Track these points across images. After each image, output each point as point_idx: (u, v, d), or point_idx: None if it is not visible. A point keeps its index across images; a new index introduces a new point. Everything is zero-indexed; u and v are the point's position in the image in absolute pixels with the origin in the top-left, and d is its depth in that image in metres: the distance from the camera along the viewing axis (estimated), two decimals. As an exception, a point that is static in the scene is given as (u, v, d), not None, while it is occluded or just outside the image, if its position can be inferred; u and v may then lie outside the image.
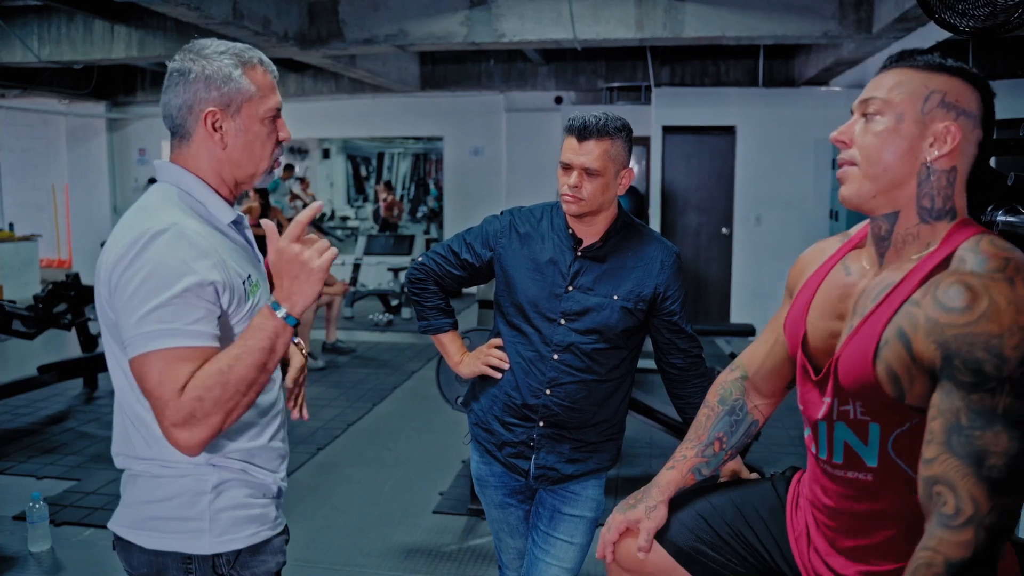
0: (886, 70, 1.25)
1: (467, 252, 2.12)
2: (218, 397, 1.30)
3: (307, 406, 1.82)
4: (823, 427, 1.30)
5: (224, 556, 1.45)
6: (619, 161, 1.96)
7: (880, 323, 1.19)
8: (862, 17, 5.83)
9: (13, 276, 9.59)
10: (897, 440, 1.22)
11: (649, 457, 4.64)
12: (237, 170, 1.48)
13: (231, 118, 1.43)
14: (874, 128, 1.22)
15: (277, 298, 1.37)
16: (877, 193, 1.23)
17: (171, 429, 1.29)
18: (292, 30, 6.34)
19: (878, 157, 1.21)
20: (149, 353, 1.30)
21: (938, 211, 1.22)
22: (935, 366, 1.11)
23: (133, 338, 1.31)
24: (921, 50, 1.26)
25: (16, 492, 4.04)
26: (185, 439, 1.29)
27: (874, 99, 1.23)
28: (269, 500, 1.54)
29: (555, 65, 9.52)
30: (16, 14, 7.25)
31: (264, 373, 1.35)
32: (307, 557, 3.45)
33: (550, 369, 2.01)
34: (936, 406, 1.11)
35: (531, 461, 2.07)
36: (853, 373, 1.21)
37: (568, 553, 2.10)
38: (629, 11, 6.08)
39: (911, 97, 1.20)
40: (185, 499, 1.43)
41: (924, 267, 1.18)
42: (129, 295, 1.32)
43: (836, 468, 1.30)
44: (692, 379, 2.09)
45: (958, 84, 1.21)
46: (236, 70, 1.42)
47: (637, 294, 1.99)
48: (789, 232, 7.93)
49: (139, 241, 1.33)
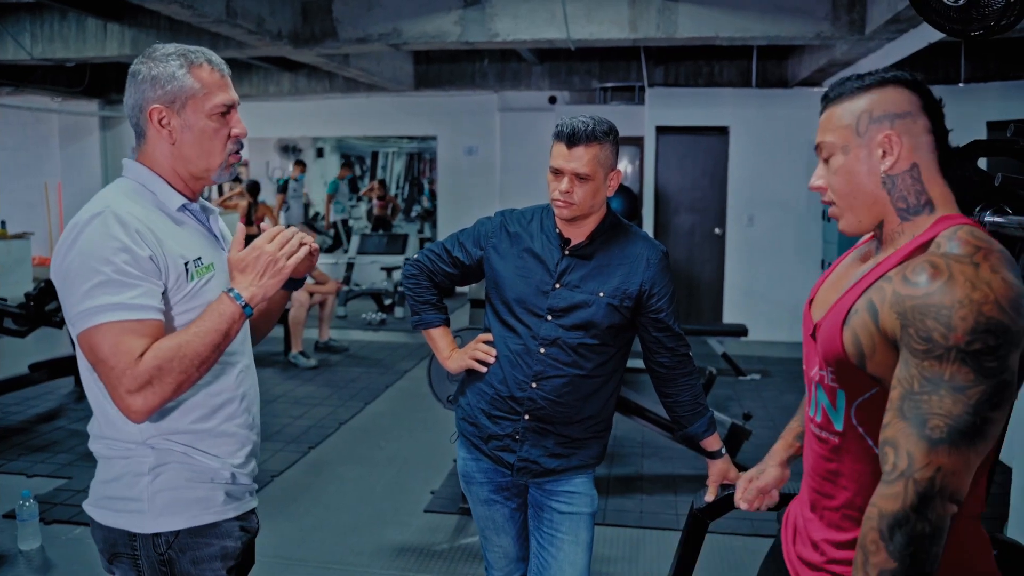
0: (821, 113, 1.37)
1: (459, 250, 2.18)
2: (175, 368, 1.40)
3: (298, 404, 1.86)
4: (815, 388, 1.40)
5: (163, 536, 1.52)
6: (608, 165, 2.01)
7: (852, 297, 1.29)
8: (855, 18, 5.84)
9: (5, 274, 9.56)
10: (859, 408, 1.30)
11: (640, 456, 4.65)
12: (189, 164, 1.55)
13: (176, 114, 1.52)
14: (833, 168, 1.34)
15: (238, 288, 1.50)
16: (862, 217, 1.34)
17: (125, 396, 1.38)
18: (286, 29, 6.34)
19: (847, 191, 1.33)
20: (98, 326, 1.38)
21: (914, 207, 1.31)
22: (896, 336, 1.19)
23: (79, 314, 1.40)
24: (838, 83, 1.36)
25: (6, 490, 4.03)
26: (139, 404, 1.38)
27: (823, 143, 1.35)
28: (216, 485, 1.57)
29: (549, 65, 9.52)
30: (8, 11, 7.23)
31: (216, 353, 1.46)
32: (298, 555, 3.45)
33: (536, 363, 2.04)
34: (896, 377, 1.19)
35: (515, 454, 2.10)
36: (827, 341, 1.31)
37: (577, 552, 2.12)
38: (623, 11, 6.08)
39: (845, 129, 1.31)
40: (127, 479, 1.51)
41: (904, 250, 1.28)
42: (72, 275, 1.41)
43: (818, 427, 1.40)
44: (679, 378, 2.10)
45: (878, 95, 1.30)
46: (181, 69, 1.51)
47: (623, 291, 2.02)
48: (782, 233, 7.96)
49: (76, 227, 1.44)
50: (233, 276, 1.53)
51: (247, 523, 1.65)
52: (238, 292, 1.49)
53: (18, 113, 11.31)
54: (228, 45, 6.61)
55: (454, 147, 10.96)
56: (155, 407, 1.40)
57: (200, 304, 1.51)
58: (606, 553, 3.50)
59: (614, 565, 3.43)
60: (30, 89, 9.86)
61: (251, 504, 1.67)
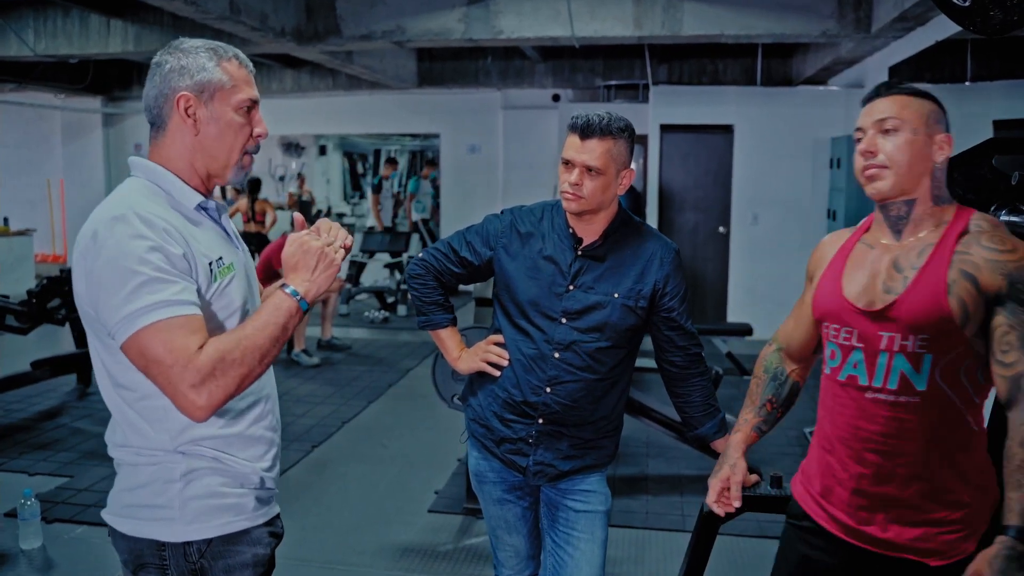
0: (884, 97, 1.62)
1: (467, 250, 2.13)
2: (237, 360, 1.36)
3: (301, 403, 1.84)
4: (884, 359, 1.60)
5: (195, 544, 1.47)
6: (620, 161, 1.97)
7: (940, 271, 1.55)
8: (861, 16, 5.82)
9: (8, 271, 9.55)
10: (943, 368, 1.55)
11: (646, 456, 4.63)
12: (209, 159, 1.52)
13: (204, 105, 1.48)
14: (897, 140, 1.59)
15: (293, 284, 1.47)
16: (905, 187, 1.60)
17: (188, 392, 1.32)
18: (289, 26, 6.32)
19: (905, 162, 1.58)
20: (146, 327, 1.33)
21: (942, 197, 1.63)
22: (1000, 291, 1.51)
23: (122, 320, 1.34)
24: (900, 82, 1.66)
25: (8, 489, 4.01)
26: (203, 400, 1.33)
27: (891, 118, 1.59)
28: (247, 490, 1.53)
29: (553, 63, 9.50)
30: (11, 8, 7.22)
31: (276, 347, 1.42)
32: (301, 555, 3.43)
33: (551, 367, 2.01)
34: (1005, 323, 1.51)
35: (529, 458, 2.08)
36: (923, 311, 1.54)
37: (594, 550, 2.11)
38: (627, 9, 6.06)
39: (918, 116, 1.59)
40: (156, 487, 1.46)
41: (952, 232, 1.58)
42: (105, 282, 1.35)
43: (888, 394, 1.60)
44: (691, 377, 2.09)
45: (935, 106, 1.62)
46: (210, 61, 1.48)
47: (637, 291, 2.00)
48: (786, 231, 7.92)
49: (101, 229, 1.37)
50: (286, 275, 1.50)
51: (274, 528, 1.62)
52: (294, 288, 1.46)
53: (21, 110, 11.30)
54: (231, 42, 6.49)
55: (457, 145, 10.94)
56: (219, 403, 1.35)
57: (224, 305, 1.48)
58: (612, 554, 3.47)
59: (620, 566, 3.41)
60: (33, 86, 9.86)
61: (276, 509, 1.64)
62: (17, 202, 11.62)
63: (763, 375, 1.94)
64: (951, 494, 1.60)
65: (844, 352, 1.66)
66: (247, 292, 1.55)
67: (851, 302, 1.64)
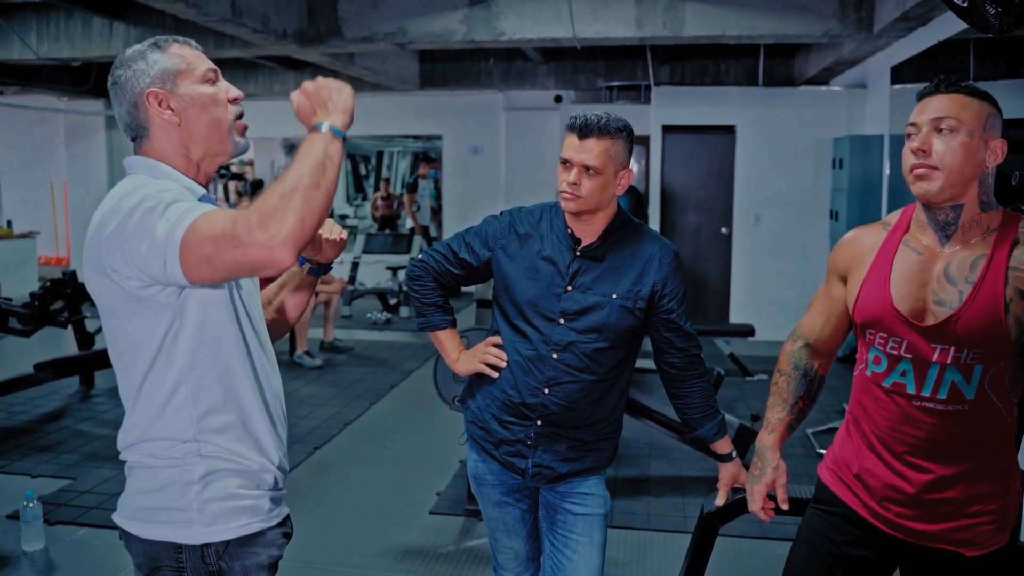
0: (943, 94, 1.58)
1: (466, 251, 2.13)
2: (289, 189, 1.26)
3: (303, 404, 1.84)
4: (935, 370, 1.61)
5: (213, 546, 1.47)
6: (619, 161, 1.98)
7: (997, 288, 1.56)
8: (863, 16, 5.81)
9: (11, 273, 9.56)
10: (991, 378, 1.59)
11: (648, 458, 4.62)
12: (203, 140, 1.51)
13: (172, 94, 1.48)
14: (951, 142, 1.56)
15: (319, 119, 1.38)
16: (954, 191, 1.58)
17: (258, 235, 1.23)
18: (291, 28, 6.32)
19: (957, 165, 1.56)
20: (191, 224, 1.28)
21: (988, 203, 1.61)
22: None
23: (167, 236, 1.28)
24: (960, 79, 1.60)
25: (10, 491, 4.02)
26: (270, 238, 1.23)
27: (948, 118, 1.56)
28: (263, 491, 1.54)
29: (554, 64, 9.49)
30: (14, 11, 7.22)
31: (324, 175, 1.30)
32: (303, 557, 3.43)
33: (549, 368, 2.01)
34: None
35: (528, 460, 2.07)
36: (981, 329, 1.56)
37: (592, 553, 2.10)
38: (629, 10, 6.05)
39: (977, 118, 1.56)
40: (174, 489, 1.45)
41: (1004, 243, 1.59)
42: (135, 224, 1.32)
43: (937, 403, 1.61)
44: (690, 379, 2.08)
45: (994, 108, 1.58)
46: (157, 53, 1.49)
47: (635, 292, 2.00)
48: (788, 232, 7.91)
49: (123, 194, 1.38)
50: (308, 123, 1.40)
51: (286, 528, 1.63)
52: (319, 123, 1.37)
53: (24, 112, 11.32)
54: (233, 44, 6.61)
55: (459, 146, 10.94)
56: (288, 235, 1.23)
57: (223, 299, 1.47)
58: (613, 556, 3.47)
59: (622, 568, 3.40)
60: (36, 88, 9.86)
61: (287, 510, 1.64)
62: (21, 204, 11.65)
63: (793, 372, 1.92)
64: (988, 489, 1.64)
65: (891, 360, 1.66)
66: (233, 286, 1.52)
67: (903, 313, 1.63)
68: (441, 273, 2.16)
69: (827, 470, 1.85)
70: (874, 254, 1.72)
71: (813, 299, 1.93)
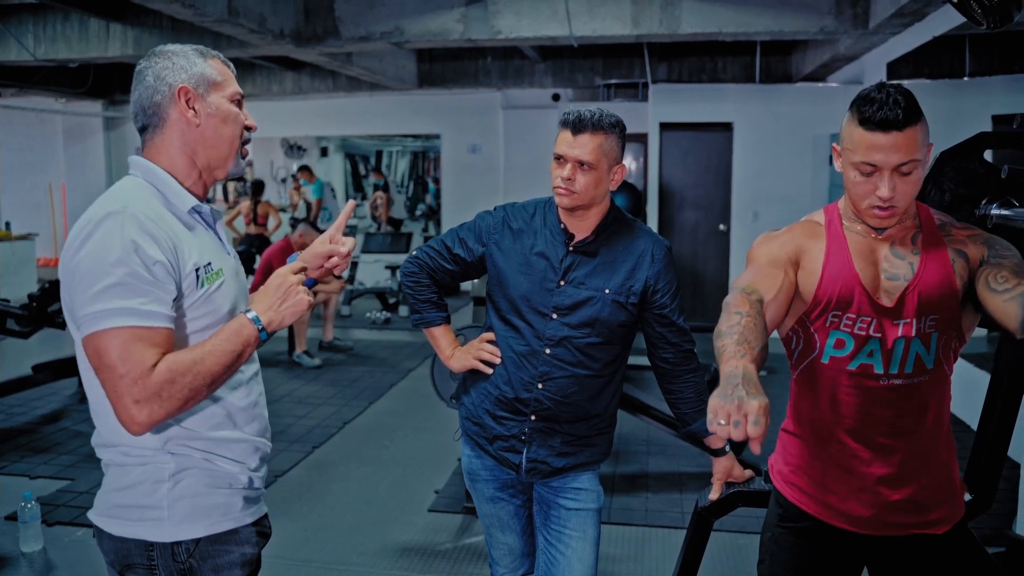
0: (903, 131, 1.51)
1: (459, 247, 2.14)
2: (188, 384, 1.36)
3: (303, 404, 1.84)
4: (900, 345, 1.63)
5: (183, 544, 1.48)
6: (612, 156, 1.99)
7: (942, 254, 1.63)
8: (859, 12, 5.81)
9: (10, 275, 9.57)
10: (943, 344, 1.63)
11: (646, 454, 4.63)
12: (212, 151, 1.53)
13: (201, 98, 1.51)
14: (911, 180, 1.56)
15: (258, 312, 1.49)
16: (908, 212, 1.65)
17: (131, 405, 1.33)
18: (288, 27, 6.32)
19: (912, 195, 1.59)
20: (107, 330, 1.34)
21: None
22: (983, 256, 1.61)
23: (87, 316, 1.35)
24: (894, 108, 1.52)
25: (9, 492, 4.02)
26: (144, 416, 1.33)
27: (909, 162, 1.53)
28: (235, 490, 1.54)
29: (552, 62, 9.50)
30: (11, 12, 7.23)
31: (228, 373, 1.43)
32: (302, 556, 3.44)
33: (542, 363, 2.02)
34: (989, 266, 1.58)
35: (522, 455, 2.08)
36: (939, 291, 1.61)
37: (586, 548, 2.10)
38: (625, 7, 6.06)
39: (925, 144, 1.55)
40: (145, 487, 1.46)
41: (928, 218, 1.68)
42: (82, 274, 1.36)
43: (905, 378, 1.64)
44: (684, 374, 2.08)
45: (926, 124, 1.55)
46: (200, 58, 1.53)
47: (628, 287, 2.00)
48: (787, 229, 7.91)
49: (90, 223, 1.39)
50: (253, 299, 1.52)
51: (262, 527, 1.63)
52: (257, 316, 1.47)
53: (22, 114, 11.33)
54: (230, 44, 6.61)
55: (458, 145, 10.96)
56: (159, 421, 1.35)
57: (209, 311, 1.48)
58: (611, 552, 3.47)
59: (619, 564, 3.41)
60: (34, 90, 9.88)
61: (264, 509, 1.65)
62: (19, 206, 11.65)
63: (758, 317, 1.54)
64: (946, 456, 1.72)
65: (858, 341, 1.64)
66: (236, 298, 1.55)
67: (870, 293, 1.64)
68: (435, 269, 2.17)
69: (786, 484, 1.80)
70: (823, 239, 1.73)
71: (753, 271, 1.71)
